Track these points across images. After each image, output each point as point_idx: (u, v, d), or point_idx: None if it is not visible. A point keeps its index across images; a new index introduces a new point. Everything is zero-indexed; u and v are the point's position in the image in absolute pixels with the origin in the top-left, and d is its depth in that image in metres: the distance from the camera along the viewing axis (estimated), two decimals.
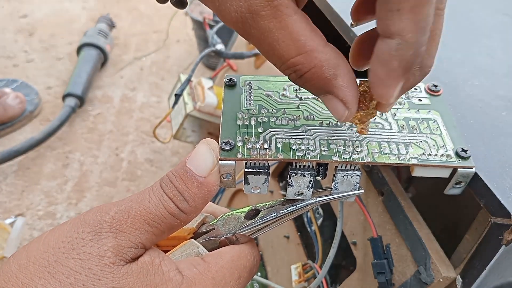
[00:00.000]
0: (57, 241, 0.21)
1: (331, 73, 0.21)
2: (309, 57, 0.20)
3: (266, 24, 0.20)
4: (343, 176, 0.25)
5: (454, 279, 0.27)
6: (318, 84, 0.21)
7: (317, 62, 0.20)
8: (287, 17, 0.20)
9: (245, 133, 0.25)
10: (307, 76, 0.21)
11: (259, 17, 0.20)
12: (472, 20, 0.45)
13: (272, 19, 0.20)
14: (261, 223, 0.25)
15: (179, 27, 1.55)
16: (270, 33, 0.20)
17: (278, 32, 0.20)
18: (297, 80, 0.21)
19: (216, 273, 0.22)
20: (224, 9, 0.20)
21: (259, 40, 0.20)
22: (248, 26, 0.20)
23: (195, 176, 0.22)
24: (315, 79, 0.21)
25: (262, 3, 0.19)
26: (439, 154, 0.26)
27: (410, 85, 0.22)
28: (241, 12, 0.20)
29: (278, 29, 0.20)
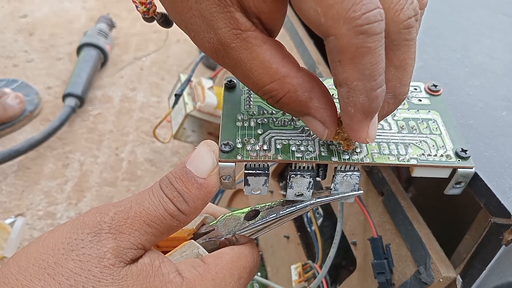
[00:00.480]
0: (57, 243, 0.21)
1: (306, 96, 0.21)
2: (283, 83, 0.21)
3: (238, 55, 0.20)
4: (343, 177, 0.25)
5: (454, 279, 0.27)
6: (295, 107, 0.22)
7: (291, 87, 0.21)
8: (257, 48, 0.20)
9: (244, 134, 0.25)
10: (283, 100, 0.21)
11: (230, 49, 0.20)
12: (472, 20, 0.45)
13: (243, 50, 0.20)
14: (260, 224, 0.25)
15: None
16: (242, 63, 0.21)
17: (250, 62, 0.20)
18: (275, 104, 0.22)
19: (216, 275, 0.22)
20: (198, 39, 0.22)
21: (233, 69, 0.21)
22: (221, 56, 0.21)
23: (195, 177, 0.23)
24: (292, 103, 0.22)
25: (231, 36, 0.20)
26: (439, 154, 0.26)
27: (386, 113, 0.23)
28: (213, 44, 0.21)
29: (249, 59, 0.20)
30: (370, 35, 0.18)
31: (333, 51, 0.19)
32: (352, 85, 0.19)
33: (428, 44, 0.40)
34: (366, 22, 0.17)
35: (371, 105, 0.20)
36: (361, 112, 0.20)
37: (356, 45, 0.18)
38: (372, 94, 0.19)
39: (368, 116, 0.20)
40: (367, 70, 0.19)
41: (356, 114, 0.20)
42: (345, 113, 0.20)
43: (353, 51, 0.18)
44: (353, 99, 0.19)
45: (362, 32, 0.18)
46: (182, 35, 1.57)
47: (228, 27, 0.20)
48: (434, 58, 0.38)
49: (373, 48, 0.18)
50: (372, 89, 0.19)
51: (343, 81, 0.19)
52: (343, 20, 0.17)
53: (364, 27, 0.17)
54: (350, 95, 0.19)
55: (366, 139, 0.21)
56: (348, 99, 0.20)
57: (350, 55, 0.18)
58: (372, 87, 0.19)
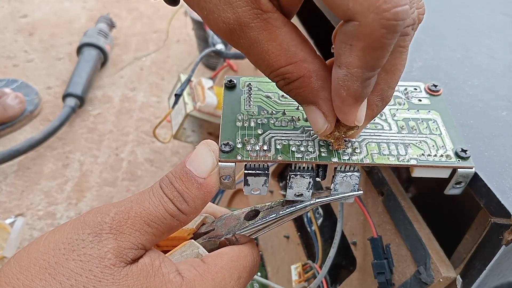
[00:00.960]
0: (58, 243, 0.21)
1: (319, 84, 0.21)
2: (299, 66, 0.21)
3: (256, 36, 0.20)
4: (342, 177, 0.25)
5: (454, 279, 0.27)
6: (304, 93, 0.22)
7: (306, 72, 0.21)
8: (276, 29, 0.20)
9: (244, 134, 0.25)
10: (295, 84, 0.21)
11: (248, 29, 0.20)
12: (472, 20, 0.45)
13: (262, 31, 0.20)
14: (260, 223, 0.25)
15: (179, 27, 1.55)
16: (259, 44, 0.20)
17: (268, 43, 0.20)
18: (284, 87, 0.22)
19: (215, 274, 0.23)
20: (212, 19, 0.20)
21: (248, 50, 0.21)
22: (236, 36, 0.20)
23: (195, 177, 0.23)
24: (303, 88, 0.21)
25: (251, 16, 0.20)
26: (439, 154, 0.26)
27: (374, 115, 0.23)
28: (229, 24, 0.20)
29: (267, 40, 0.20)
30: (392, 32, 0.18)
31: (349, 35, 0.18)
32: (352, 71, 0.19)
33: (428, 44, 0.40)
34: (393, 18, 0.17)
35: (363, 92, 0.20)
36: (352, 96, 0.20)
37: (376, 38, 0.18)
38: (366, 83, 0.20)
39: (358, 101, 0.21)
40: (372, 62, 0.19)
41: (347, 98, 0.20)
42: (337, 95, 0.21)
43: (369, 42, 0.18)
44: (348, 83, 0.20)
45: (387, 26, 0.17)
46: (182, 35, 1.57)
47: (249, 6, 0.19)
48: (434, 58, 0.38)
49: (387, 44, 0.18)
50: (367, 78, 0.20)
51: (345, 64, 0.19)
52: (372, 9, 0.17)
53: (390, 22, 0.17)
54: (346, 78, 0.20)
55: (354, 121, 0.22)
56: (343, 82, 0.20)
57: (365, 44, 0.18)
58: (368, 77, 0.20)
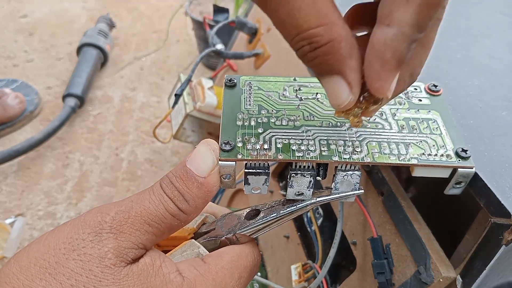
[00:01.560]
0: (58, 242, 0.21)
1: (347, 51, 0.20)
2: (330, 29, 0.19)
3: None
4: (343, 176, 0.25)
5: (454, 279, 0.27)
6: (331, 60, 0.20)
7: (337, 36, 0.19)
8: None
9: (245, 133, 0.25)
10: (323, 49, 0.19)
11: None
12: (472, 20, 0.45)
13: None
14: (261, 223, 0.25)
15: (179, 27, 1.55)
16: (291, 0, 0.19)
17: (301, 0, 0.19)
18: (308, 54, 0.20)
19: (216, 274, 0.22)
20: None
21: (277, 6, 0.19)
22: None
23: (195, 176, 0.22)
24: (331, 54, 0.19)
25: None
26: (439, 154, 0.26)
27: (400, 91, 0.22)
28: None
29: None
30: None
31: None
32: (404, 29, 0.18)
33: None
34: None
35: (407, 56, 0.19)
36: (397, 59, 0.19)
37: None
38: (412, 46, 0.19)
39: (399, 65, 0.19)
40: (424, 21, 0.18)
41: (391, 61, 0.19)
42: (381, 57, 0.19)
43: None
44: (395, 43, 0.19)
45: None
46: (182, 35, 1.57)
47: None
48: (434, 58, 0.38)
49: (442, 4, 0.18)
50: (414, 41, 0.19)
51: (398, 21, 0.18)
52: None
53: None
54: (395, 38, 0.18)
55: (387, 91, 0.20)
56: (391, 41, 0.19)
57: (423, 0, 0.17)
58: (416, 39, 0.19)
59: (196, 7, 1.31)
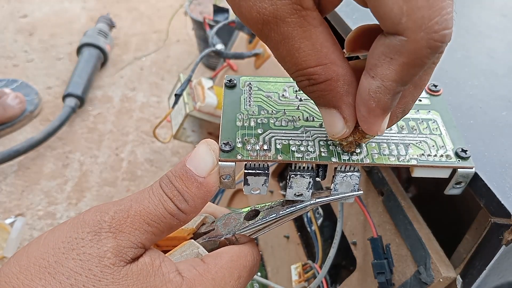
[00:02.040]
0: (57, 242, 0.21)
1: (345, 89, 0.21)
2: (328, 69, 0.20)
3: (290, 31, 0.19)
4: (343, 177, 0.25)
5: (454, 279, 0.27)
6: (328, 96, 0.21)
7: (335, 75, 0.20)
8: (312, 28, 0.19)
9: (244, 134, 0.25)
10: (321, 86, 0.20)
11: (283, 23, 0.19)
12: (472, 20, 0.45)
13: (297, 28, 0.19)
14: (260, 223, 0.25)
15: (179, 27, 1.55)
16: (291, 40, 0.19)
17: (301, 41, 0.19)
18: (307, 87, 0.21)
19: (215, 274, 0.22)
20: (245, 6, 0.19)
21: (278, 44, 0.20)
22: (268, 29, 0.19)
23: (195, 176, 0.22)
24: (328, 91, 0.21)
25: (290, 11, 0.19)
26: (439, 154, 0.26)
27: (392, 124, 0.23)
28: (264, 14, 0.19)
29: (301, 38, 0.19)
30: (435, 52, 0.18)
31: (392, 48, 0.18)
32: (386, 84, 0.19)
33: None
34: (440, 39, 0.17)
35: (391, 104, 0.20)
36: (381, 108, 0.20)
37: (419, 56, 0.18)
38: (396, 96, 0.20)
39: (385, 113, 0.21)
40: (407, 77, 0.19)
41: (376, 109, 0.20)
42: (365, 105, 0.20)
43: (412, 59, 0.18)
44: (379, 95, 0.19)
45: (432, 47, 0.17)
46: (182, 35, 1.58)
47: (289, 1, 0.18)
48: None
49: (427, 63, 0.18)
50: (398, 92, 0.20)
51: (381, 76, 0.19)
52: (424, 27, 0.17)
53: (436, 43, 0.17)
54: (378, 90, 0.19)
55: (378, 132, 0.21)
56: (375, 93, 0.20)
57: (406, 60, 0.18)
58: (400, 91, 0.19)
59: (196, 7, 1.31)
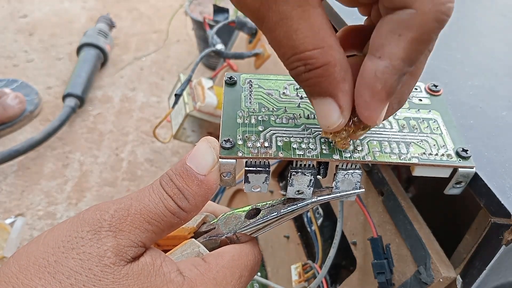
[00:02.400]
0: (57, 241, 0.20)
1: (341, 75, 0.20)
2: (325, 52, 0.19)
3: (288, 11, 0.18)
4: (344, 175, 0.25)
5: (454, 279, 0.27)
6: (324, 83, 0.20)
7: (332, 60, 0.19)
8: (311, 8, 0.19)
9: (245, 131, 0.25)
10: (317, 71, 0.19)
11: (283, 2, 0.18)
12: (472, 20, 0.45)
13: (296, 7, 0.18)
14: (261, 222, 0.25)
15: (179, 27, 1.55)
16: (289, 21, 0.19)
17: (299, 21, 0.19)
18: (302, 74, 0.20)
19: (217, 273, 0.22)
20: None
21: (274, 25, 0.19)
22: (266, 8, 0.19)
23: (195, 174, 0.22)
24: (324, 76, 0.20)
25: None
26: (440, 153, 0.26)
27: (388, 116, 0.22)
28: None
29: (299, 18, 0.19)
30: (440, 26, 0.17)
31: (400, 23, 0.18)
32: (395, 63, 0.18)
33: None
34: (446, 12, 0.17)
35: (396, 87, 0.19)
36: (387, 91, 0.19)
37: (427, 29, 0.17)
38: (402, 78, 0.19)
39: (389, 97, 0.20)
40: (415, 56, 0.18)
41: (381, 92, 0.19)
42: (371, 88, 0.19)
43: (420, 33, 0.18)
44: (386, 75, 0.19)
45: (439, 20, 0.17)
46: (182, 35, 1.58)
47: None
48: (434, 58, 0.38)
49: (433, 39, 0.18)
50: (404, 74, 0.19)
51: (389, 55, 0.18)
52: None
53: (442, 16, 0.17)
54: (386, 70, 0.19)
55: (377, 120, 0.21)
56: (382, 74, 0.19)
57: (415, 35, 0.18)
58: (406, 72, 0.19)
59: (196, 7, 1.31)
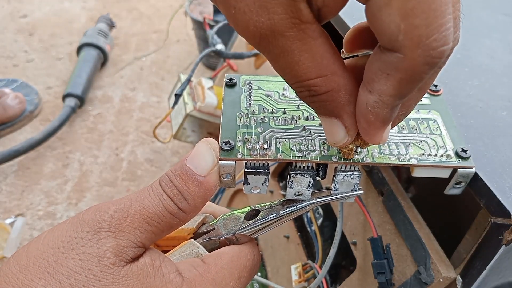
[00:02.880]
0: (57, 241, 0.20)
1: (346, 99, 0.20)
2: (329, 80, 0.19)
3: (288, 45, 0.19)
4: (343, 177, 0.25)
5: (454, 279, 0.27)
6: (330, 107, 0.21)
7: (335, 86, 0.20)
8: (312, 40, 0.19)
9: (245, 133, 0.25)
10: (322, 97, 0.20)
11: (282, 37, 0.18)
12: (472, 20, 0.45)
13: (296, 41, 0.18)
14: (261, 223, 0.25)
15: (179, 27, 1.55)
16: (290, 54, 0.19)
17: (300, 54, 0.19)
18: (308, 98, 0.21)
19: (216, 274, 0.22)
20: (241, 20, 0.18)
21: (277, 58, 0.19)
22: (266, 43, 0.19)
23: (195, 175, 0.22)
24: (329, 101, 0.20)
25: (288, 25, 0.18)
26: (439, 154, 0.26)
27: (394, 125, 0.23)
28: (261, 29, 0.18)
29: (300, 50, 0.19)
30: (432, 68, 0.17)
31: (388, 64, 0.18)
32: (384, 98, 0.19)
33: None
34: (438, 56, 0.17)
35: (391, 116, 0.20)
36: (381, 121, 0.20)
37: (416, 72, 0.17)
38: (395, 109, 0.20)
39: (385, 124, 0.20)
40: (405, 92, 0.19)
41: (375, 122, 0.20)
42: (365, 119, 0.20)
43: (409, 75, 0.18)
44: (377, 109, 0.19)
45: (430, 63, 0.17)
46: (182, 35, 1.57)
47: (287, 15, 0.18)
48: None
49: (425, 78, 0.18)
50: (397, 106, 0.19)
51: (378, 91, 0.19)
52: (421, 45, 0.17)
53: (434, 59, 0.17)
54: (376, 105, 0.19)
55: (380, 141, 0.21)
56: (373, 108, 0.19)
57: (404, 76, 0.18)
58: (398, 104, 0.19)
59: (196, 7, 1.31)
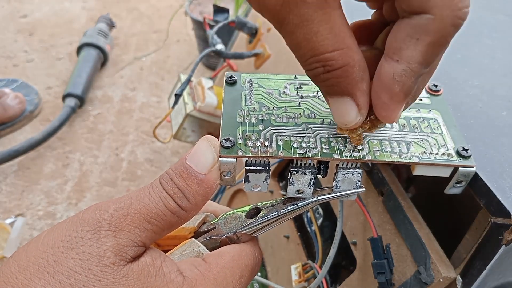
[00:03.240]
0: (56, 241, 0.20)
1: (360, 75, 0.20)
2: (345, 54, 0.19)
3: (309, 13, 0.19)
4: (344, 174, 0.25)
5: (454, 279, 0.27)
6: (343, 83, 0.20)
7: (351, 61, 0.20)
8: (332, 10, 0.19)
9: (245, 130, 0.25)
10: (337, 73, 0.20)
11: (304, 4, 0.18)
12: (472, 20, 0.45)
13: (317, 9, 0.18)
14: (262, 222, 0.25)
15: (179, 27, 1.55)
16: (309, 23, 0.19)
17: (319, 24, 0.19)
18: (322, 75, 0.20)
19: (217, 274, 0.22)
20: None
21: (295, 28, 0.19)
22: (287, 10, 0.19)
23: (195, 173, 0.22)
24: (344, 77, 0.20)
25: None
26: (440, 153, 0.26)
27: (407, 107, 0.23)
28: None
29: (320, 20, 0.19)
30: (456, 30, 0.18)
31: (418, 28, 0.18)
32: (412, 66, 0.19)
33: None
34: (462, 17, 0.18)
35: (414, 88, 0.20)
36: (405, 92, 0.20)
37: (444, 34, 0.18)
38: (418, 80, 0.20)
39: (407, 97, 0.20)
40: (431, 58, 0.19)
41: (400, 93, 0.20)
42: (389, 91, 0.20)
43: (438, 37, 0.18)
44: (404, 78, 0.19)
45: (456, 24, 0.18)
46: (182, 35, 1.58)
47: None
48: None
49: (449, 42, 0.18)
50: (421, 75, 0.20)
51: (407, 58, 0.19)
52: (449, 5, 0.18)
53: (459, 21, 0.18)
54: (404, 73, 0.19)
55: (395, 119, 0.21)
56: (400, 77, 0.19)
57: (432, 39, 0.18)
58: (423, 73, 0.19)
59: (196, 7, 1.31)
